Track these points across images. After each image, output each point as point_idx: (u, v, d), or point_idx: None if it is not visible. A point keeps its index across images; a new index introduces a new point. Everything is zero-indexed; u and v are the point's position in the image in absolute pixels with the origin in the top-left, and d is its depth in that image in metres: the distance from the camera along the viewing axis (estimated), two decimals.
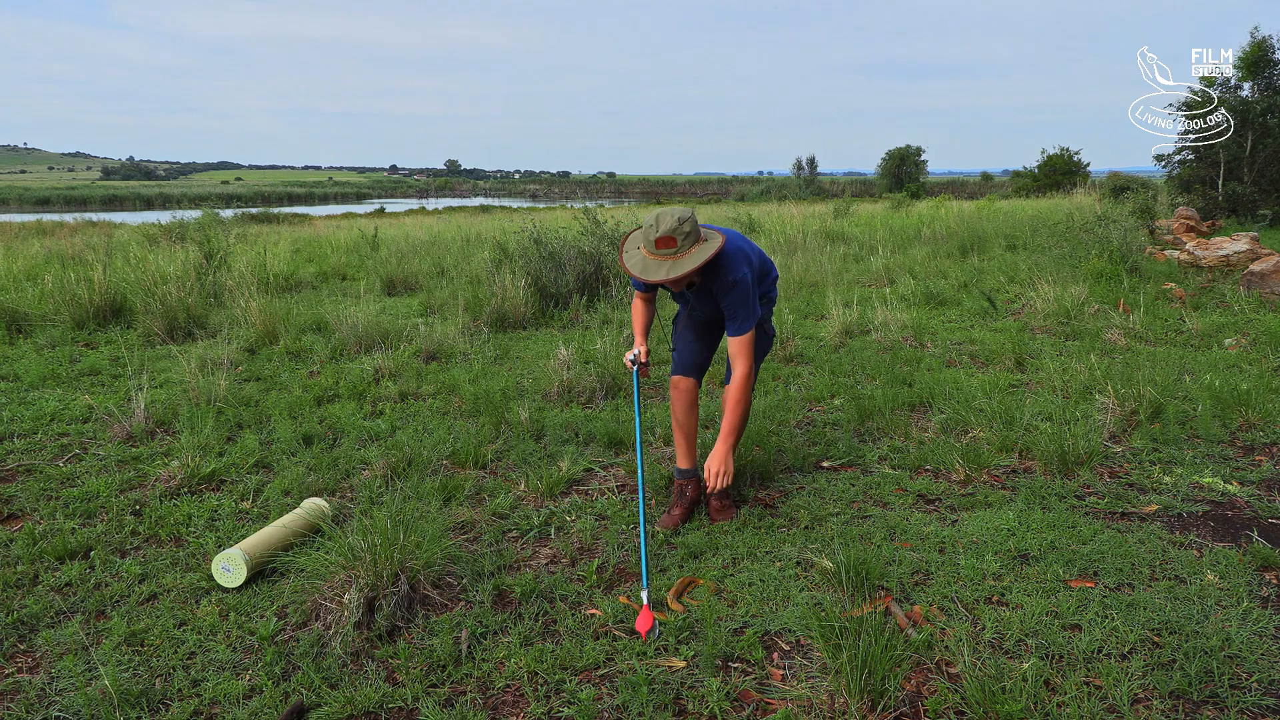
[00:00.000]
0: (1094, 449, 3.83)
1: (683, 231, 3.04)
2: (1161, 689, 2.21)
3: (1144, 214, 13.42)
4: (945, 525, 3.24)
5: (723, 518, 3.34)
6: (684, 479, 3.46)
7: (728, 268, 3.16)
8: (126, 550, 3.16)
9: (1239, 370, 5.15)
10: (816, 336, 6.57)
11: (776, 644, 2.50)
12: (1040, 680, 2.23)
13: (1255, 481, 3.59)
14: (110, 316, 7.19)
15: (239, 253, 10.47)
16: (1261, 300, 7.22)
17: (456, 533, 3.25)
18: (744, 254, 3.22)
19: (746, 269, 3.18)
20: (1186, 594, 2.67)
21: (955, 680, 2.27)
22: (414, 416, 4.67)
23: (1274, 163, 15.82)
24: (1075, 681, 2.23)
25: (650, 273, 3.08)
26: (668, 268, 3.05)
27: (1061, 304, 6.93)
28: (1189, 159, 17.26)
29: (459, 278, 9.50)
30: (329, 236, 16.04)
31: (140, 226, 17.53)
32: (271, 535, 3.03)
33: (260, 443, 4.22)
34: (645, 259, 3.13)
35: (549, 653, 2.45)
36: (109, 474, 3.84)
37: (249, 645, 2.53)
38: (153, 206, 59.78)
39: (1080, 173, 36.33)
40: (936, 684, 2.27)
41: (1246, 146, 15.79)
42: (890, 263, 10.19)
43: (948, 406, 4.59)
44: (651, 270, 3.08)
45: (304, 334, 6.78)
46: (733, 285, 3.16)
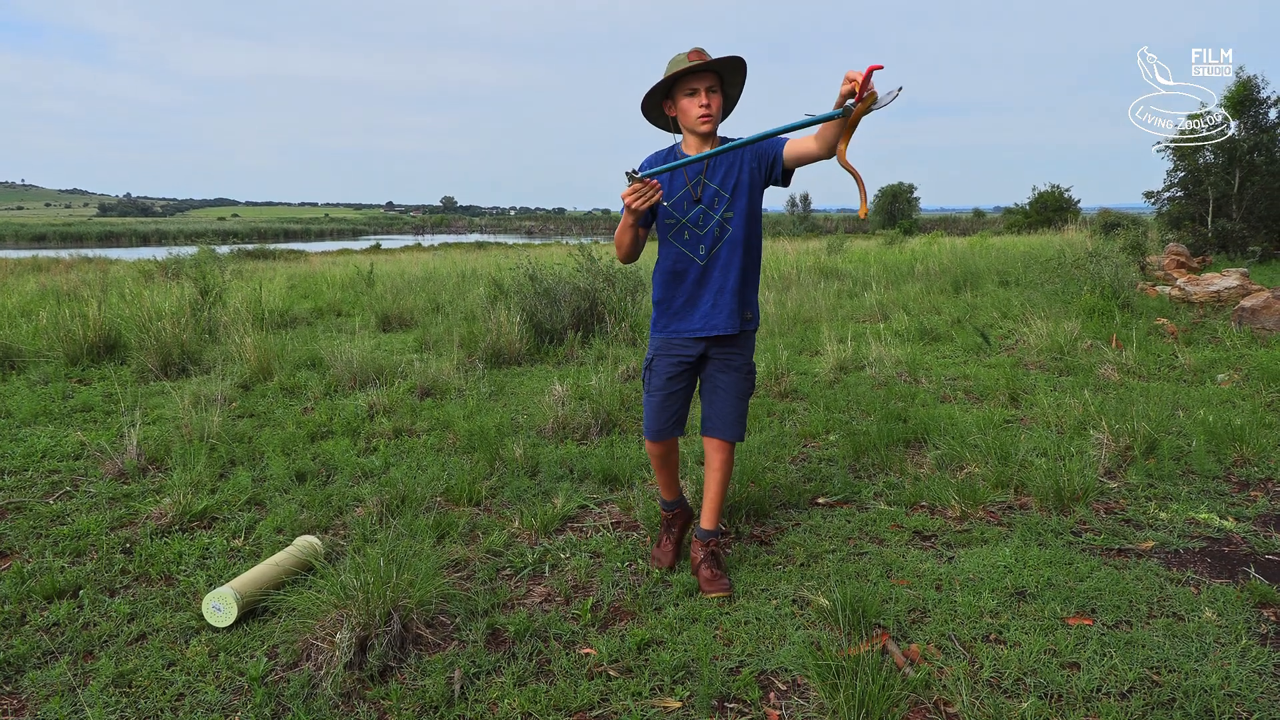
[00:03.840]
0: (1089, 485, 3.82)
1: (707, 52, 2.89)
2: None
3: (1135, 250, 13.53)
4: (942, 562, 3.23)
5: (713, 589, 3.00)
6: (670, 510, 3.35)
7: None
8: (116, 589, 3.12)
9: (1232, 405, 5.17)
10: (811, 372, 6.58)
11: (773, 683, 2.48)
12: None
13: (1251, 517, 3.59)
14: (104, 352, 7.18)
15: (234, 289, 10.50)
16: (1253, 336, 7.26)
17: (450, 570, 3.22)
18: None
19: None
20: (1185, 631, 2.65)
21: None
22: (408, 453, 4.65)
23: (1262, 199, 16.01)
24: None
25: (693, 62, 2.84)
26: (708, 59, 2.86)
27: (1055, 339, 6.96)
28: (1178, 196, 17.48)
29: (454, 314, 9.52)
30: (325, 272, 16.10)
31: (136, 263, 17.59)
32: (263, 573, 3.00)
33: (253, 479, 4.20)
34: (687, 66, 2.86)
35: (543, 693, 2.42)
36: (100, 511, 3.81)
37: (238, 686, 2.50)
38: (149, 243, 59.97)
39: (1071, 209, 36.67)
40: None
41: (1235, 184, 15.99)
42: (884, 298, 10.24)
43: (943, 442, 4.59)
44: (689, 64, 2.84)
45: (298, 370, 6.77)
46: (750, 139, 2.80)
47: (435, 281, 13.13)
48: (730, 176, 2.98)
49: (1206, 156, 16.73)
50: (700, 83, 2.91)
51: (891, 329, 8.26)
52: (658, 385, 3.14)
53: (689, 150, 3.01)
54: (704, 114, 2.91)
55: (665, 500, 3.36)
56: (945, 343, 7.75)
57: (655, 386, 3.15)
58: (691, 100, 2.92)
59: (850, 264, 15.19)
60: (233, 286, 10.69)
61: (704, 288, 3.04)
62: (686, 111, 2.94)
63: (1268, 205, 16.09)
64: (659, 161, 3.01)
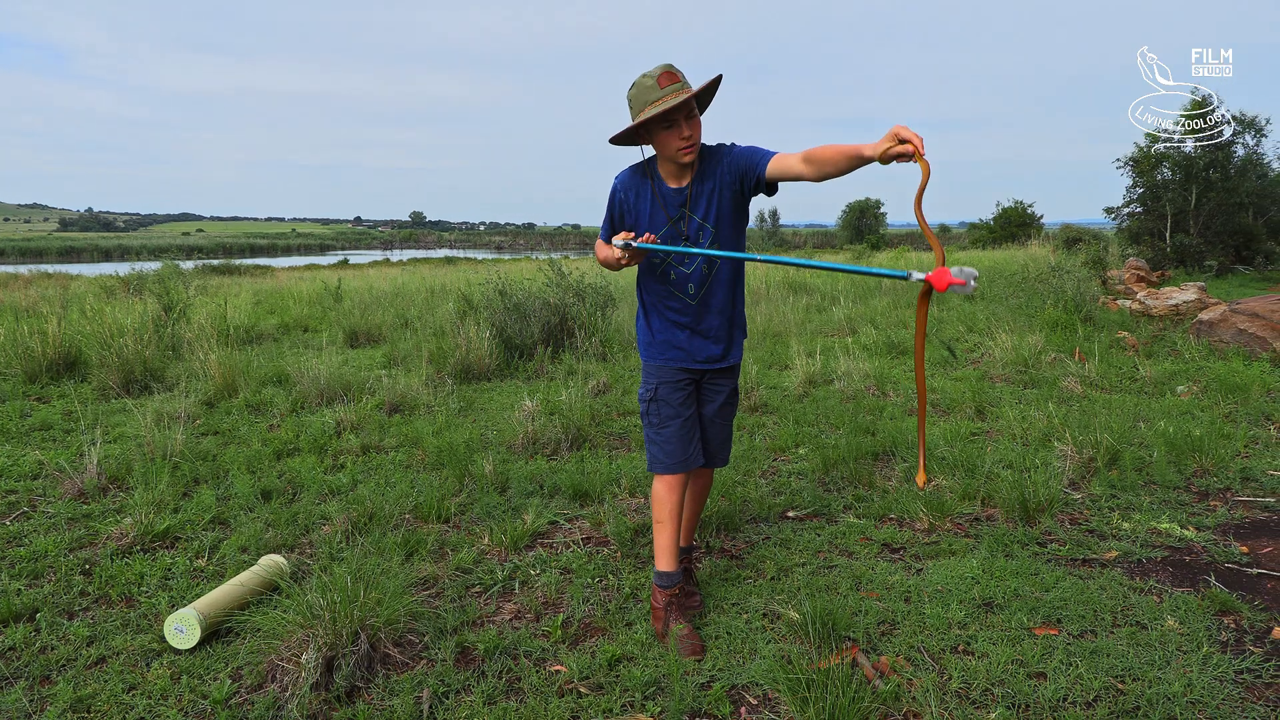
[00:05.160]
0: (1054, 496, 3.87)
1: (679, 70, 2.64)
2: None
3: (1096, 265, 13.78)
4: (910, 574, 3.25)
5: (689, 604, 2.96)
6: (674, 584, 2.89)
7: (717, 145, 2.78)
8: (75, 611, 3.05)
9: (1191, 417, 5.27)
10: (780, 386, 6.62)
11: (744, 698, 2.48)
12: None
13: (1211, 526, 3.65)
14: (64, 370, 7.04)
15: (199, 304, 10.35)
16: (1211, 348, 7.41)
17: (419, 589, 3.19)
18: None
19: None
20: (1148, 640, 2.69)
21: None
22: (376, 470, 4.61)
23: (1218, 215, 16.41)
24: None
25: (672, 101, 2.56)
26: (686, 94, 2.58)
27: (1019, 353, 7.06)
28: (1138, 211, 17.87)
29: (423, 329, 9.46)
30: (291, 288, 15.93)
31: (98, 278, 17.29)
32: (227, 594, 2.95)
33: (217, 498, 4.13)
34: (660, 104, 2.58)
35: (513, 711, 2.40)
36: (58, 532, 3.73)
37: (201, 710, 2.45)
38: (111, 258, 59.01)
39: (1035, 224, 37.25)
40: None
41: (1191, 200, 16.37)
42: (852, 313, 10.34)
43: (911, 455, 4.63)
44: (668, 102, 2.56)
45: (264, 386, 6.69)
46: (732, 146, 2.74)
47: (404, 297, 13.05)
48: (713, 204, 2.76)
49: (1164, 173, 17.13)
50: (678, 112, 2.63)
51: (859, 343, 8.33)
52: (671, 413, 2.88)
53: (664, 171, 2.78)
54: (685, 146, 2.66)
55: (668, 573, 2.89)
56: (912, 357, 7.81)
57: (668, 415, 2.88)
58: (671, 133, 2.64)
59: (818, 279, 15.31)
60: (197, 302, 10.55)
61: (699, 325, 2.86)
62: (666, 144, 2.67)
63: (1223, 221, 16.50)
64: (634, 182, 2.81)
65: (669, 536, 2.88)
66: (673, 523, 2.88)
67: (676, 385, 2.89)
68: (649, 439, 2.93)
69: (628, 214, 2.84)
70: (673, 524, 2.88)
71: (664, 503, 2.88)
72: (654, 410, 2.90)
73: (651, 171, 2.80)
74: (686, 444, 2.88)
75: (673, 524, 2.88)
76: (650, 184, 2.80)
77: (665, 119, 2.62)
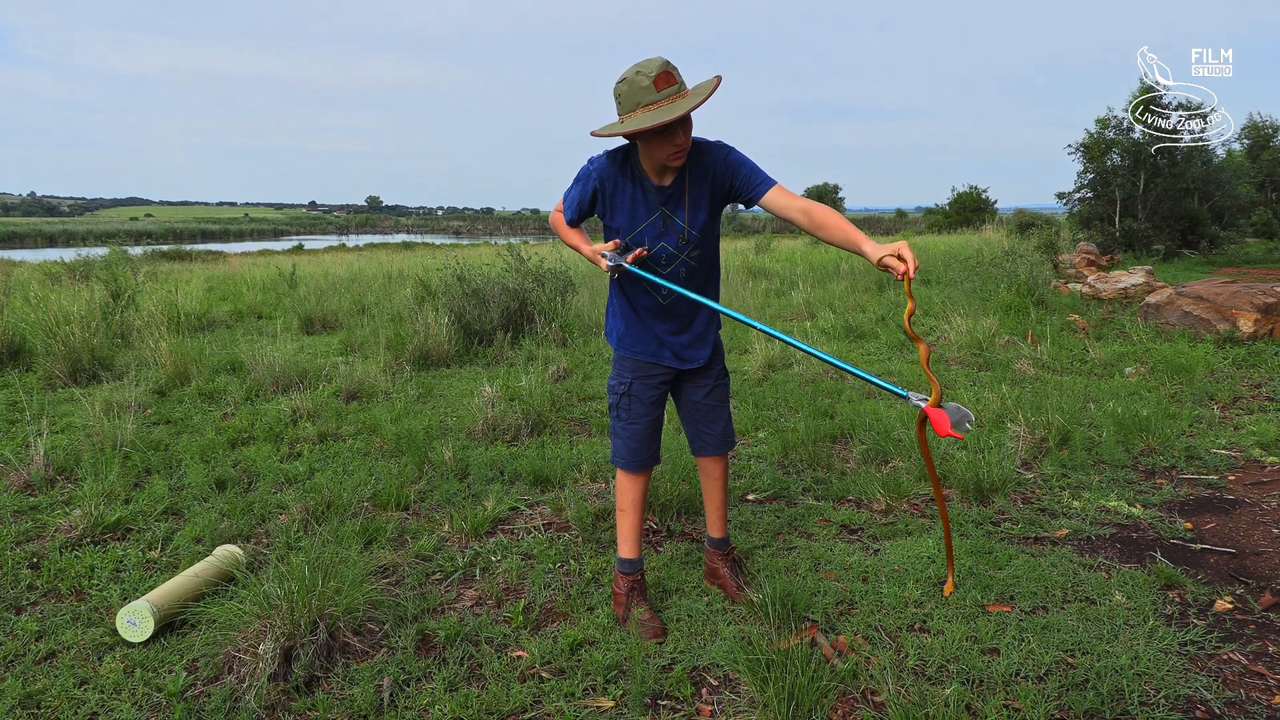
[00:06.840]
0: (1007, 476, 3.95)
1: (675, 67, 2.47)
2: (1076, 709, 2.27)
3: (1048, 249, 14.04)
4: (868, 555, 3.30)
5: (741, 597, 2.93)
6: (636, 571, 2.91)
7: (711, 143, 2.64)
8: (22, 606, 2.98)
9: (1139, 397, 5.40)
10: (740, 370, 6.66)
11: (705, 679, 2.50)
12: (962, 705, 2.27)
13: (1157, 504, 3.75)
14: (8, 359, 6.85)
15: (149, 291, 10.11)
16: (1158, 330, 7.59)
17: (378, 577, 3.16)
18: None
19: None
20: (1097, 615, 2.76)
21: (880, 708, 2.30)
22: (333, 458, 4.55)
23: (1165, 200, 16.80)
24: (995, 705, 2.28)
25: (671, 112, 2.36)
26: (683, 102, 2.41)
27: (974, 335, 7.17)
28: (1088, 196, 18.24)
29: (380, 315, 9.35)
30: (245, 274, 15.64)
31: (42, 265, 16.83)
32: (181, 585, 2.90)
33: (170, 488, 4.05)
34: (656, 110, 2.40)
35: (474, 698, 2.40)
36: (4, 525, 3.63)
37: (156, 703, 2.41)
38: (56, 244, 57.30)
39: (989, 209, 37.81)
40: (862, 713, 2.29)
41: (1140, 185, 16.73)
42: (811, 297, 10.42)
43: (868, 437, 4.69)
44: (665, 113, 2.36)
45: (217, 375, 6.57)
46: (729, 151, 2.62)
47: (360, 283, 12.88)
48: (698, 209, 2.64)
49: (1114, 159, 17.49)
50: (676, 124, 2.44)
51: (818, 327, 8.40)
52: (641, 411, 2.82)
53: (648, 166, 2.59)
54: (677, 152, 2.50)
55: (630, 560, 2.90)
56: (870, 340, 7.91)
57: (638, 413, 2.82)
58: (663, 140, 2.46)
59: (777, 263, 15.41)
60: (147, 289, 10.29)
61: (676, 325, 2.79)
62: (656, 149, 2.49)
63: (1170, 206, 16.90)
64: (614, 173, 2.63)
65: (631, 525, 2.90)
66: (635, 512, 2.89)
67: (653, 383, 2.82)
68: (615, 432, 2.90)
69: (603, 204, 2.68)
70: (634, 513, 2.89)
71: (626, 492, 2.90)
72: (625, 405, 2.84)
73: (634, 165, 2.63)
74: (651, 443, 2.87)
75: (634, 513, 2.89)
76: (632, 180, 2.63)
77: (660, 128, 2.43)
